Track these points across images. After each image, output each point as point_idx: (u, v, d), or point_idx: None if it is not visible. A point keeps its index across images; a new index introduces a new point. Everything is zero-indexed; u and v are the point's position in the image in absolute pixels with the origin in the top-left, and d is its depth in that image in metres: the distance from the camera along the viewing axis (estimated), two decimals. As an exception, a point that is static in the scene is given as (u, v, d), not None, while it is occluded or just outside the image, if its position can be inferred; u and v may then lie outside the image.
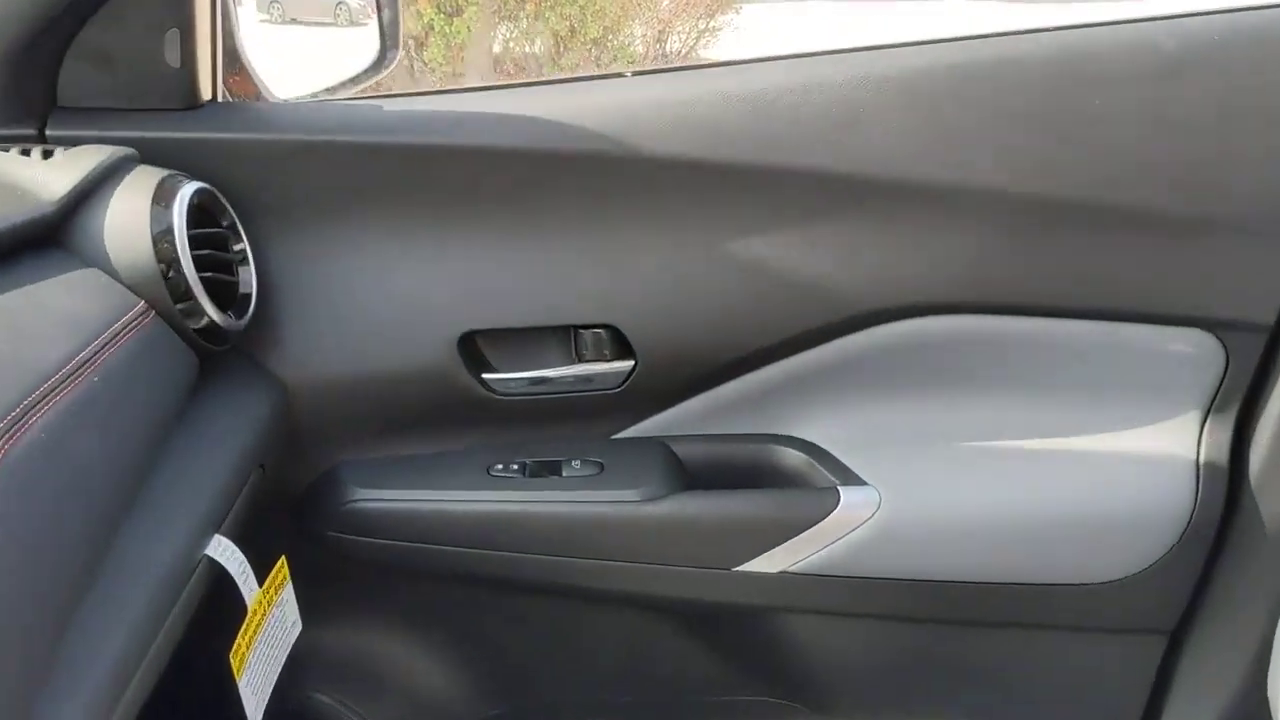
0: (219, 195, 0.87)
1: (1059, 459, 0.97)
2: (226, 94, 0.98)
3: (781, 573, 0.97)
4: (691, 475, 0.99)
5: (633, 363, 0.96)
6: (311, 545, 0.99)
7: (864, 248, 0.92)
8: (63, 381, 0.64)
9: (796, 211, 0.92)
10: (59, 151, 0.82)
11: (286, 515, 1.01)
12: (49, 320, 0.68)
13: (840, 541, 0.96)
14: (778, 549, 0.96)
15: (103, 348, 0.70)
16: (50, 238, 0.77)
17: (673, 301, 0.94)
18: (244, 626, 0.78)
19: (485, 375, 0.97)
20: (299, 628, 0.89)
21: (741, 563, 0.97)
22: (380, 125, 0.94)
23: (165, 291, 0.79)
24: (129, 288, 0.78)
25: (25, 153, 0.82)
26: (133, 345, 0.74)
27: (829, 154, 0.90)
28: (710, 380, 0.99)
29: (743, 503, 0.97)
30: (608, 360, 0.96)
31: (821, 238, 0.92)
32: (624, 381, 0.97)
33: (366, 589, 1.11)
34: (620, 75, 0.99)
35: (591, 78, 0.98)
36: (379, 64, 1.05)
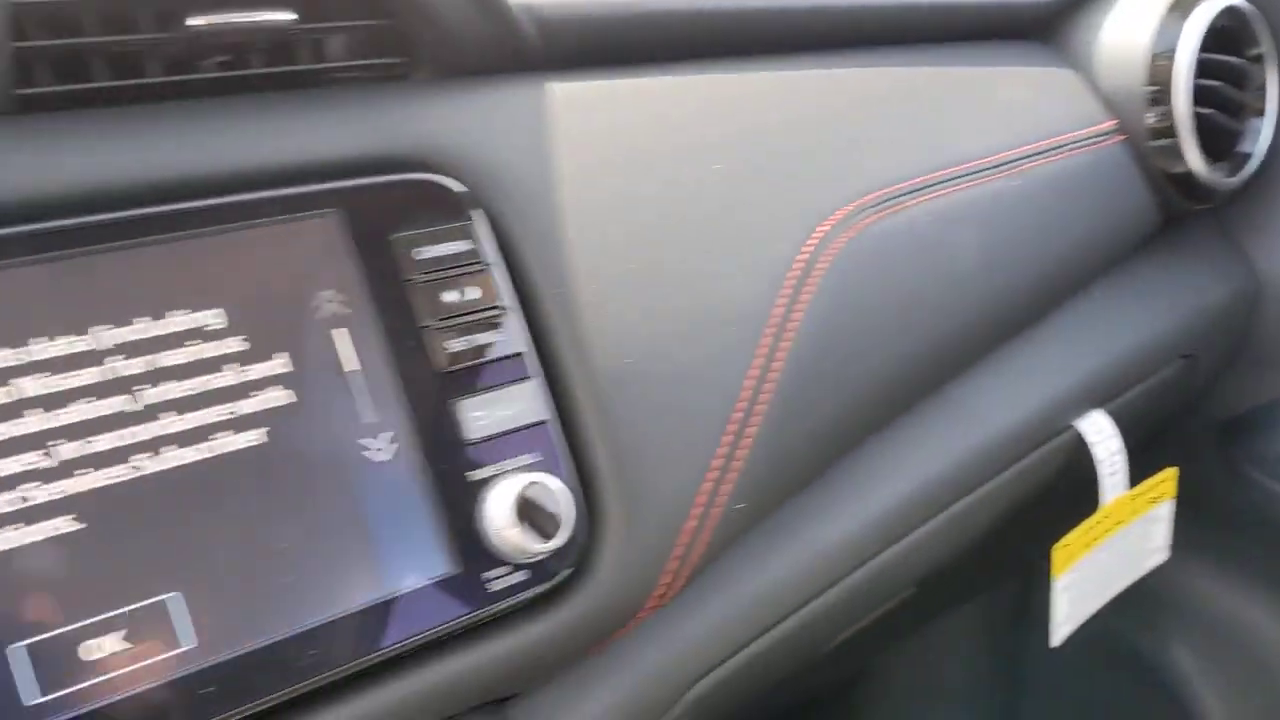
0: (1257, 22, 0.71)
1: None
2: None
3: None
4: None
5: None
6: (1220, 475, 0.81)
7: None
8: (982, 171, 0.57)
9: None
10: None
11: (1204, 429, 0.83)
12: (996, 106, 0.62)
13: None
14: None
15: (1046, 152, 0.61)
16: (1041, 27, 0.71)
17: None
18: (1089, 522, 0.62)
19: None
20: (1161, 556, 0.70)
21: None
22: None
23: (1143, 117, 0.67)
24: (1105, 102, 0.67)
25: None
26: (1083, 163, 0.63)
27: None
28: None
29: None
30: None
31: None
32: None
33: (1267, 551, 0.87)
34: None
35: None
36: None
